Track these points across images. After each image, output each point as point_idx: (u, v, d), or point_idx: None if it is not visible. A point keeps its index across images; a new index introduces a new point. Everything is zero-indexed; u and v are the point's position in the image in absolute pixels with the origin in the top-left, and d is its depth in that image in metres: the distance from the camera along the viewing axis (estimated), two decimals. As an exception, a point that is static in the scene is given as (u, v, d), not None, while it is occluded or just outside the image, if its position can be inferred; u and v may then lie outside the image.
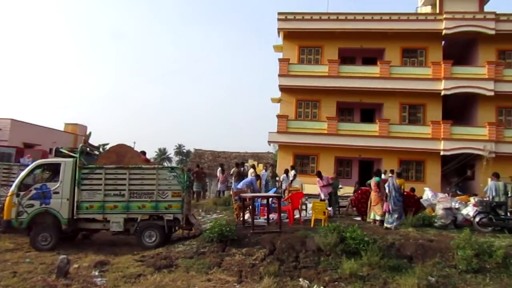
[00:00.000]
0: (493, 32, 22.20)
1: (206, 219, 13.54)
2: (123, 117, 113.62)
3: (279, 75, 23.57)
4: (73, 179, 10.41)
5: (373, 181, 11.49)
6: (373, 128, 22.83)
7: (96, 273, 7.95)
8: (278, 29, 24.55)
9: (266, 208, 11.58)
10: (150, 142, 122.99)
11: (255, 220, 10.45)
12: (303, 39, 24.62)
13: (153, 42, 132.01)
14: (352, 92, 23.26)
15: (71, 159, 10.66)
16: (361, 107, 25.14)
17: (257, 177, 15.01)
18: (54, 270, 7.72)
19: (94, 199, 10.34)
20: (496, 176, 13.28)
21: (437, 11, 23.67)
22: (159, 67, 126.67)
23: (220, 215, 13.92)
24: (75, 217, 10.35)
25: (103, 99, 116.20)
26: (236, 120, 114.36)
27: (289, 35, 24.78)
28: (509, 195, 13.22)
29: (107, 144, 34.03)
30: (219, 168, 19.88)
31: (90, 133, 13.03)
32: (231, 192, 15.11)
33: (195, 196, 18.68)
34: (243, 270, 7.80)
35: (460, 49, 24.48)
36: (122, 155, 10.88)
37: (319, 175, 14.09)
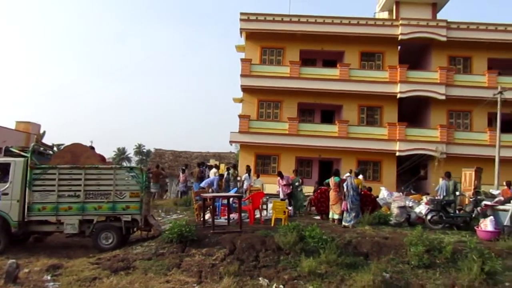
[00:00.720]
0: (444, 39, 23.36)
1: (166, 219, 13.32)
2: (80, 116, 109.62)
3: (241, 75, 23.63)
4: (24, 179, 9.94)
5: (332, 181, 11.73)
6: (333, 129, 23.38)
7: (48, 278, 7.62)
8: (241, 29, 24.62)
9: (226, 208, 11.56)
10: (109, 142, 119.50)
11: (215, 220, 10.41)
12: (265, 40, 24.81)
13: (112, 41, 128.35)
14: (312, 93, 23.69)
15: (22, 159, 10.17)
16: (321, 108, 25.66)
17: (221, 176, 14.93)
18: (3, 276, 7.33)
19: (47, 200, 9.91)
20: (448, 176, 13.99)
21: (394, 17, 24.59)
22: (119, 66, 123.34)
23: (181, 216, 13.74)
24: (26, 220, 9.88)
25: (59, 98, 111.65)
26: (198, 120, 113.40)
27: (251, 36, 24.89)
28: (458, 194, 13.99)
29: (62, 144, 32.67)
30: (184, 168, 19.64)
31: (44, 132, 12.50)
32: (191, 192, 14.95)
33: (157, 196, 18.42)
34: (203, 271, 7.75)
35: (415, 54, 25.54)
36: (78, 155, 10.49)
37: (280, 174, 14.26)
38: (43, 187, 9.94)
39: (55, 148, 17.46)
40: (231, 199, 11.86)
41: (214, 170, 18.81)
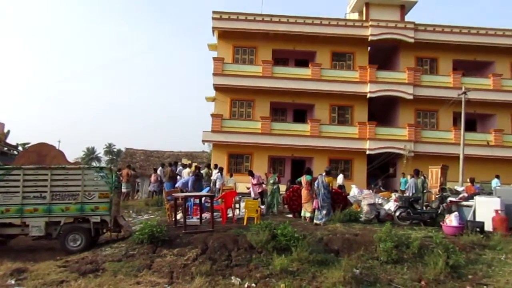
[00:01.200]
0: (412, 40, 24.04)
1: (137, 220, 13.09)
2: (48, 116, 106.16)
3: (214, 74, 23.53)
4: (-14, 181, 9.52)
5: (304, 179, 11.84)
6: (305, 128, 23.63)
7: (13, 282, 7.34)
8: (213, 28, 24.51)
9: (199, 208, 11.47)
10: (78, 142, 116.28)
11: (188, 220, 10.31)
12: (238, 39, 24.79)
13: (79, 38, 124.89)
14: (285, 93, 23.86)
15: (-17, 159, 9.75)
16: (293, 108, 25.89)
17: (197, 176, 14.80)
18: (-37, 281, 7.02)
19: (10, 202, 9.51)
20: (416, 173, 14.40)
21: (364, 18, 25.07)
22: (88, 64, 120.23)
23: (152, 216, 13.54)
24: (-13, 223, 9.47)
25: (24, 97, 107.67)
26: (170, 119, 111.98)
27: (224, 35, 24.82)
28: (425, 191, 14.42)
29: (27, 143, 31.54)
30: (160, 168, 19.34)
31: (8, 131, 12.02)
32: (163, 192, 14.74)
33: (127, 197, 18.06)
34: (174, 271, 7.65)
35: (384, 55, 26.16)
36: (44, 155, 10.17)
37: (250, 173, 14.30)
38: (6, 189, 9.55)
39: (20, 148, 16.84)
40: (203, 198, 11.78)
41: (188, 169, 18.66)
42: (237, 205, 12.85)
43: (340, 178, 18.72)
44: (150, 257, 8.32)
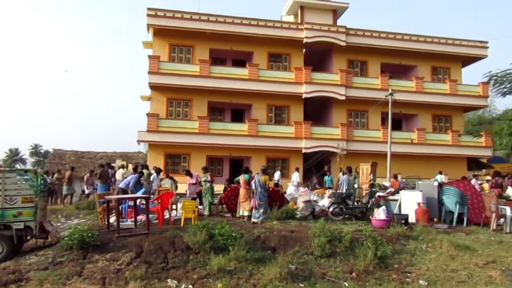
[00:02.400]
0: (344, 43, 25.16)
1: (66, 225, 12.32)
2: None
3: (149, 73, 22.88)
4: None
5: (242, 178, 11.89)
6: (243, 127, 23.78)
7: None
8: (148, 25, 23.81)
9: (133, 210, 11.07)
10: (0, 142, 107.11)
11: (121, 223, 9.91)
12: (174, 37, 24.32)
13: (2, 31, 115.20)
14: (222, 92, 23.84)
15: None
16: (231, 107, 25.95)
17: (141, 174, 14.25)
18: None
19: None
20: (349, 171, 15.11)
21: (299, 21, 25.76)
22: (12, 56, 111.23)
23: (83, 220, 12.83)
24: None
25: None
26: (103, 119, 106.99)
27: (160, 32, 24.22)
28: (356, 186, 15.18)
29: None
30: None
31: None
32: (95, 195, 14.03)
33: (69, 199, 17.15)
34: (107, 277, 7.33)
35: (318, 57, 27.10)
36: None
37: (188, 173, 14.10)
38: None
39: None
40: (138, 200, 11.39)
41: (121, 170, 17.97)
42: (174, 206, 12.60)
43: (276, 175, 19.12)
44: (80, 263, 7.88)
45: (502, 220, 11.05)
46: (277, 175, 19.30)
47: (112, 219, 10.62)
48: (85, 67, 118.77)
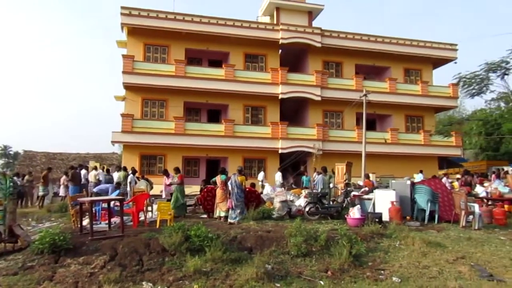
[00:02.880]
0: (319, 45, 25.45)
1: (37, 229, 11.98)
2: None
3: (123, 72, 22.51)
4: None
5: (219, 179, 11.85)
6: (219, 128, 23.70)
7: None
8: (122, 24, 23.41)
9: (107, 212, 10.86)
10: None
11: (95, 226, 9.70)
12: (149, 36, 24.01)
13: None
14: (199, 93, 23.71)
15: None
16: (207, 108, 25.84)
17: (118, 185, 13.97)
18: None
19: None
20: (324, 170, 15.27)
21: (275, 22, 25.89)
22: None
23: (55, 223, 12.51)
24: None
25: None
26: (77, 119, 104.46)
27: (134, 32, 23.87)
28: (332, 186, 15.37)
29: None
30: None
31: None
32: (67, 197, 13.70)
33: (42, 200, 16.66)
34: (80, 281, 7.15)
35: (294, 58, 27.32)
36: None
37: (165, 173, 13.97)
38: None
39: None
40: (112, 202, 11.19)
41: (94, 172, 17.65)
42: (149, 208, 12.44)
43: (261, 176, 19.21)
44: (51, 268, 7.67)
45: (471, 217, 11.40)
46: (261, 175, 19.36)
47: (85, 222, 10.39)
48: (59, 66, 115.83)
